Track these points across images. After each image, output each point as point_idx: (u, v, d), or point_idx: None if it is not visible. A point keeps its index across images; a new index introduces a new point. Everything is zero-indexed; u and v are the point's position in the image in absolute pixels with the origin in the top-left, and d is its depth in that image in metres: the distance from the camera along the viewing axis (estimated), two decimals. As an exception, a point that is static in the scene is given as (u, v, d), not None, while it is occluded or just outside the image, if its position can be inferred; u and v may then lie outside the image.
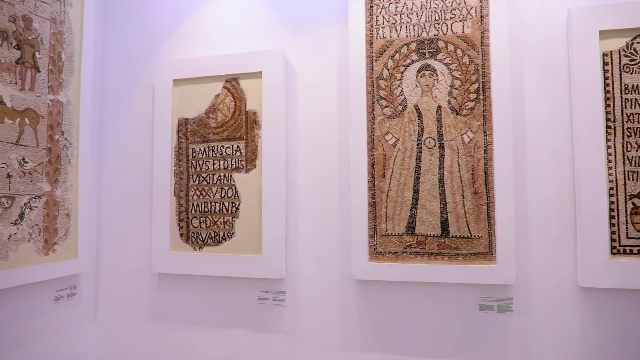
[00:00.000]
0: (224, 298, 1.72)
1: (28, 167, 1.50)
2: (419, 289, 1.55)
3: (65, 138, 1.66)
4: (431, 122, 1.52)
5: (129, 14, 1.94)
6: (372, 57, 1.58)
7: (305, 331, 1.64)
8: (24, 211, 1.49)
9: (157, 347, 1.79)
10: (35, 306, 1.59)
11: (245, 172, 1.68)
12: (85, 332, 1.83)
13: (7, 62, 1.43)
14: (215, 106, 1.73)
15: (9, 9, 1.44)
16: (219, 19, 1.82)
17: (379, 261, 1.53)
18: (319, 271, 1.64)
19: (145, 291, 1.83)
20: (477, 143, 1.48)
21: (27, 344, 1.55)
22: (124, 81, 1.92)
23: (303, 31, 1.73)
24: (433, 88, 1.52)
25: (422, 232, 1.50)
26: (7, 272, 1.41)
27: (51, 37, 1.60)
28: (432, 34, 1.54)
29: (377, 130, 1.55)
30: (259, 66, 1.68)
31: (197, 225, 1.72)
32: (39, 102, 1.55)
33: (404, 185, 1.52)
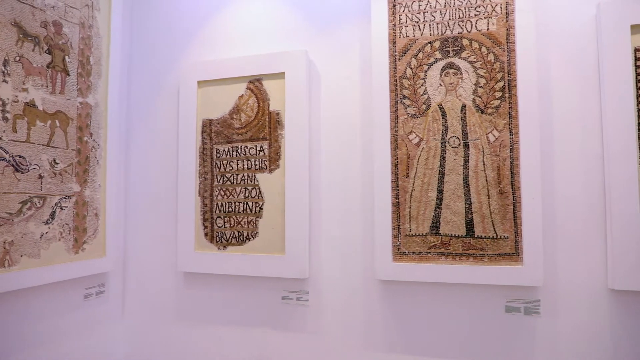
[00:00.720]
0: (248, 297, 1.74)
1: (58, 168, 1.55)
2: (443, 289, 1.53)
3: (93, 140, 1.70)
4: (455, 121, 1.50)
5: (154, 18, 1.98)
6: (395, 56, 1.57)
7: (328, 331, 1.65)
8: (54, 211, 1.53)
9: (183, 345, 1.82)
10: (66, 303, 1.63)
11: (269, 172, 1.69)
12: (113, 330, 1.87)
13: (38, 67, 1.48)
14: (239, 107, 1.74)
15: (41, 15, 1.48)
16: (242, 20, 1.84)
17: (402, 261, 1.52)
18: (342, 271, 1.64)
19: (171, 290, 1.86)
20: (503, 142, 1.45)
21: (58, 340, 1.60)
22: (150, 83, 1.96)
23: (326, 31, 1.73)
24: (457, 86, 1.50)
25: (447, 233, 1.48)
26: (39, 270, 1.46)
27: (80, 42, 1.65)
28: (456, 32, 1.52)
29: (401, 130, 1.54)
30: (282, 67, 1.68)
31: (221, 225, 1.74)
32: (69, 105, 1.59)
33: (428, 185, 1.51)
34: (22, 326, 1.46)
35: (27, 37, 1.44)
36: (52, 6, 1.53)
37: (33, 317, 1.50)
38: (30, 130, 1.44)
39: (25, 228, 1.42)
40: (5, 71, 1.36)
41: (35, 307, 1.51)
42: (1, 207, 1.34)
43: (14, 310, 1.43)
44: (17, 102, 1.40)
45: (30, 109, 1.44)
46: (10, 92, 1.38)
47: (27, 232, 1.43)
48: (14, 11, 1.39)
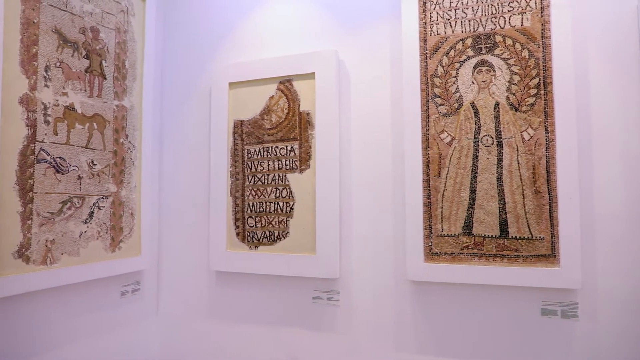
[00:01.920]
0: (278, 296, 1.75)
1: (96, 169, 1.60)
2: (476, 291, 1.50)
3: (129, 141, 1.75)
4: (489, 120, 1.47)
5: (186, 22, 2.01)
6: (426, 55, 1.55)
7: (359, 331, 1.64)
8: (92, 210, 1.58)
9: (215, 343, 1.85)
10: (103, 300, 1.68)
11: (300, 172, 1.70)
12: (148, 326, 1.92)
13: (77, 71, 1.53)
14: (270, 108, 1.76)
15: (79, 22, 1.54)
16: (272, 21, 1.85)
17: (434, 262, 1.50)
18: (373, 271, 1.63)
19: (204, 288, 1.89)
20: (538, 140, 1.42)
21: (96, 336, 1.65)
22: (183, 86, 2.00)
23: (355, 31, 1.72)
24: (490, 84, 1.48)
25: (480, 233, 1.46)
26: (78, 268, 1.51)
27: (116, 46, 1.69)
28: (489, 29, 1.49)
29: (432, 129, 1.52)
30: (312, 67, 1.69)
31: (252, 224, 1.76)
32: (106, 108, 1.64)
33: (460, 184, 1.48)
34: (63, 322, 1.52)
35: (67, 43, 1.49)
36: (89, 13, 1.58)
37: (73, 313, 1.56)
38: (69, 132, 1.49)
39: (65, 227, 1.47)
40: (47, 76, 1.42)
41: (74, 303, 1.56)
42: (43, 207, 1.40)
43: (56, 306, 1.49)
44: (58, 106, 1.45)
45: (69, 112, 1.49)
46: (51, 96, 1.43)
47: (67, 231, 1.48)
48: (54, 19, 1.45)
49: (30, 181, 1.36)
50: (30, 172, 1.36)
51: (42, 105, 1.40)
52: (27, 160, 1.35)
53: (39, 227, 1.38)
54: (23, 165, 1.34)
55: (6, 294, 1.28)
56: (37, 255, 1.37)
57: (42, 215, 1.39)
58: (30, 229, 1.36)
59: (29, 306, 1.40)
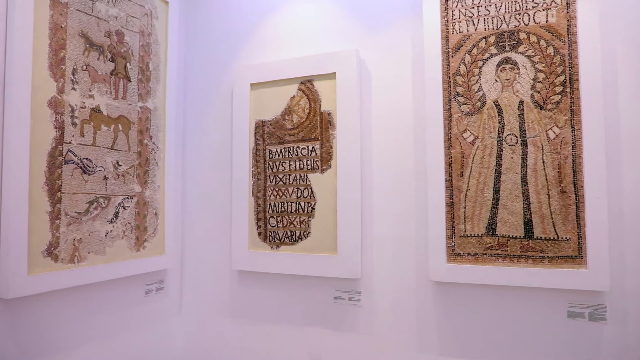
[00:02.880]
0: (300, 296, 1.76)
1: (121, 170, 1.63)
2: (500, 292, 1.48)
3: (153, 142, 1.78)
4: (512, 118, 1.45)
5: (208, 24, 2.04)
6: (448, 53, 1.54)
7: (381, 332, 1.63)
8: (118, 210, 1.61)
9: (237, 341, 1.86)
10: (128, 298, 1.72)
11: (321, 172, 1.70)
12: (172, 324, 1.94)
13: (103, 74, 1.56)
14: (291, 108, 1.77)
15: (105, 25, 1.57)
16: (293, 22, 1.86)
17: (457, 263, 1.48)
18: (395, 272, 1.63)
19: (226, 287, 1.91)
20: (564, 139, 1.39)
21: (121, 333, 1.68)
22: (205, 87, 2.02)
23: (376, 30, 1.72)
24: (514, 82, 1.45)
25: (504, 234, 1.44)
26: (104, 266, 1.54)
27: (140, 49, 1.72)
28: (513, 26, 1.47)
29: (455, 128, 1.51)
30: (333, 67, 1.69)
31: (274, 224, 1.77)
32: (130, 110, 1.67)
33: (483, 184, 1.46)
34: (89, 319, 1.55)
35: (93, 46, 1.52)
36: (114, 16, 1.61)
37: (99, 311, 1.59)
38: (95, 134, 1.53)
39: (92, 226, 1.50)
40: (74, 79, 1.45)
41: (100, 301, 1.60)
42: (71, 207, 1.43)
43: (82, 304, 1.52)
44: (84, 108, 1.49)
45: (95, 114, 1.53)
46: (78, 98, 1.46)
47: (94, 231, 1.51)
48: (81, 23, 1.48)
49: (59, 182, 1.40)
50: (59, 172, 1.40)
51: (70, 107, 1.44)
52: (55, 161, 1.39)
53: (66, 226, 1.42)
54: (51, 166, 1.38)
55: (36, 292, 1.32)
56: (65, 254, 1.41)
57: (69, 214, 1.43)
58: (58, 228, 1.39)
59: (57, 303, 1.44)
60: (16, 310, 1.32)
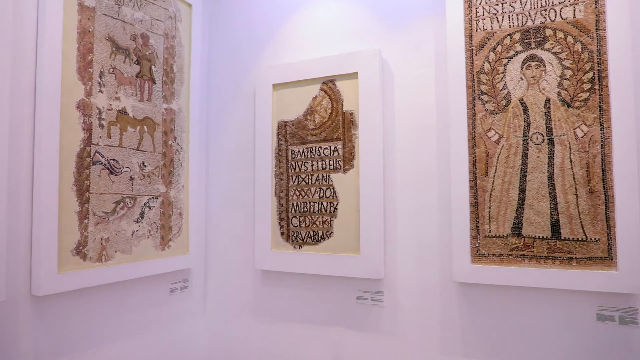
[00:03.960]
0: (323, 296, 1.76)
1: (147, 171, 1.66)
2: (526, 294, 1.45)
3: (177, 143, 1.80)
4: (538, 117, 1.42)
5: (230, 26, 2.06)
6: (471, 51, 1.52)
7: (404, 333, 1.62)
8: (144, 210, 1.64)
9: (260, 340, 1.88)
10: (154, 297, 1.74)
11: (343, 172, 1.70)
12: (196, 323, 1.97)
13: (129, 77, 1.59)
14: (313, 108, 1.77)
15: (130, 29, 1.60)
16: (314, 22, 1.86)
17: (482, 264, 1.46)
18: (419, 272, 1.61)
19: (249, 286, 1.92)
20: (593, 137, 1.35)
21: (147, 331, 1.71)
22: (228, 88, 2.04)
23: (398, 28, 1.71)
24: (540, 80, 1.42)
25: (530, 234, 1.41)
26: (131, 265, 1.57)
27: (164, 52, 1.75)
28: (539, 22, 1.44)
29: (479, 127, 1.49)
30: (355, 67, 1.69)
31: (296, 224, 1.78)
32: (155, 111, 1.70)
33: (508, 184, 1.44)
34: (116, 317, 1.58)
35: (119, 49, 1.55)
36: (140, 20, 1.64)
37: (125, 309, 1.62)
38: (122, 135, 1.56)
39: (118, 226, 1.53)
40: (101, 82, 1.49)
41: (126, 299, 1.63)
42: (99, 207, 1.46)
43: (109, 302, 1.56)
44: (111, 110, 1.52)
45: (122, 116, 1.56)
46: (105, 101, 1.50)
47: (121, 230, 1.54)
48: (107, 27, 1.51)
49: (87, 182, 1.43)
50: (87, 173, 1.43)
51: (97, 109, 1.47)
52: (83, 162, 1.42)
53: (94, 225, 1.45)
54: (80, 167, 1.41)
55: (65, 289, 1.36)
56: (93, 253, 1.44)
57: (97, 214, 1.46)
58: (86, 228, 1.43)
59: (86, 301, 1.47)
60: (47, 307, 1.36)
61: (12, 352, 1.27)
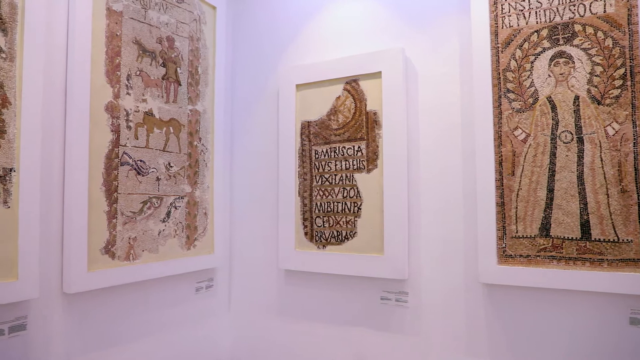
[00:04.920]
0: (346, 296, 1.75)
1: (173, 171, 1.68)
2: (555, 296, 1.42)
3: (202, 144, 1.83)
4: (567, 114, 1.38)
5: (254, 27, 2.07)
6: (497, 49, 1.49)
7: (428, 334, 1.61)
8: (170, 210, 1.67)
9: (284, 339, 1.89)
10: (179, 295, 1.77)
11: (367, 172, 1.69)
12: (220, 322, 1.99)
13: (155, 79, 1.62)
14: (336, 108, 1.77)
15: (157, 32, 1.63)
16: (337, 22, 1.86)
17: (508, 264, 1.43)
18: (444, 273, 1.59)
19: (273, 286, 1.93)
20: (625, 135, 1.31)
21: (172, 329, 1.74)
22: (251, 89, 2.06)
23: (422, 27, 1.69)
24: (569, 77, 1.39)
25: (559, 235, 1.38)
26: (157, 264, 1.60)
27: (189, 54, 1.78)
28: (567, 17, 1.40)
29: (505, 126, 1.46)
30: (379, 66, 1.68)
31: (320, 224, 1.78)
32: (181, 113, 1.73)
33: (536, 183, 1.41)
34: (143, 314, 1.61)
35: (146, 52, 1.58)
36: (165, 23, 1.67)
37: (151, 307, 1.65)
38: (148, 137, 1.59)
39: (145, 225, 1.56)
40: (129, 84, 1.52)
41: (153, 297, 1.66)
42: (126, 207, 1.50)
43: (136, 300, 1.59)
44: (138, 112, 1.55)
45: (148, 117, 1.59)
46: (132, 103, 1.53)
47: (148, 230, 1.57)
48: (134, 30, 1.54)
49: (115, 182, 1.46)
50: (115, 174, 1.47)
51: (125, 111, 1.50)
52: (112, 163, 1.46)
53: (122, 225, 1.48)
54: (108, 168, 1.45)
55: (95, 287, 1.39)
56: (121, 252, 1.47)
57: (125, 214, 1.49)
58: (115, 227, 1.46)
59: (114, 299, 1.51)
60: (78, 304, 1.40)
61: (45, 346, 1.31)
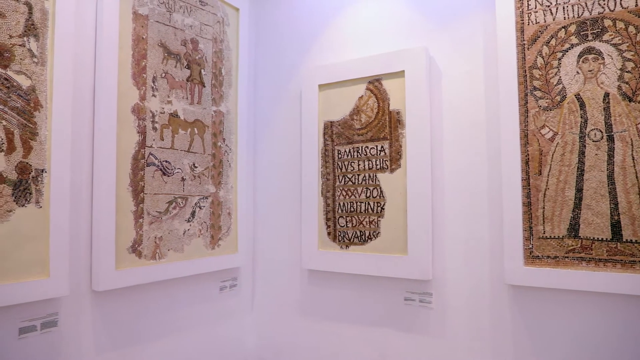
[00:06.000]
0: (370, 297, 1.75)
1: (197, 171, 1.71)
2: (584, 298, 1.38)
3: (226, 144, 1.85)
4: (597, 112, 1.35)
5: (276, 29, 2.08)
6: (523, 46, 1.46)
7: (453, 336, 1.59)
8: (194, 210, 1.69)
9: (307, 339, 1.89)
10: (204, 294, 1.79)
11: (390, 172, 1.68)
12: (244, 321, 2.01)
13: (180, 81, 1.65)
14: (359, 108, 1.76)
15: (181, 35, 1.65)
16: (359, 21, 1.85)
17: (535, 266, 1.41)
18: (468, 274, 1.57)
19: (296, 286, 1.94)
20: (658, 133, 1.27)
21: (196, 327, 1.76)
22: (274, 90, 2.07)
23: (445, 25, 1.67)
24: (598, 73, 1.35)
25: (588, 236, 1.34)
26: (182, 263, 1.63)
27: (213, 55, 1.80)
28: (596, 12, 1.37)
29: (532, 124, 1.43)
30: (401, 65, 1.66)
31: (343, 224, 1.78)
32: (205, 114, 1.75)
33: (564, 183, 1.38)
34: (168, 312, 1.64)
35: (171, 55, 1.61)
36: (189, 26, 1.69)
37: (176, 305, 1.68)
38: (174, 138, 1.61)
39: (171, 225, 1.59)
40: (154, 86, 1.54)
41: (178, 296, 1.68)
42: (152, 207, 1.52)
43: (162, 298, 1.62)
44: (164, 114, 1.58)
45: (174, 119, 1.61)
46: (158, 105, 1.56)
47: (173, 229, 1.60)
48: (160, 33, 1.57)
49: (141, 183, 1.49)
50: (141, 174, 1.49)
51: (151, 113, 1.53)
52: (138, 164, 1.48)
53: (149, 225, 1.51)
54: (135, 169, 1.47)
55: (122, 285, 1.42)
56: (147, 251, 1.50)
57: (151, 214, 1.52)
58: (141, 227, 1.49)
59: (141, 297, 1.54)
60: (106, 301, 1.43)
61: (75, 342, 1.35)
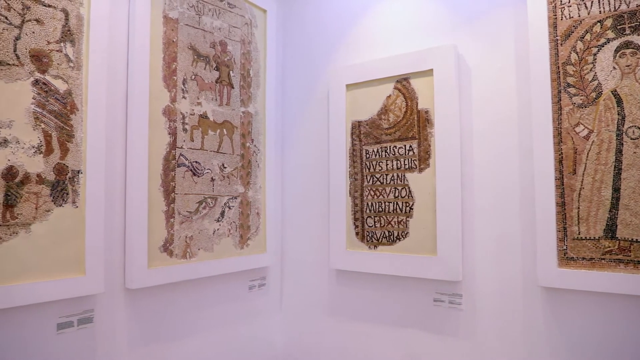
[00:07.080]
0: (398, 297, 1.73)
1: (226, 172, 1.73)
2: (621, 302, 1.34)
3: (254, 145, 1.87)
4: (635, 109, 1.30)
5: (303, 29, 2.09)
6: (556, 41, 1.42)
7: (483, 338, 1.56)
8: (224, 210, 1.71)
9: (334, 339, 1.89)
10: (233, 293, 1.82)
11: (419, 171, 1.66)
12: (272, 321, 2.02)
13: (209, 82, 1.67)
14: (387, 107, 1.75)
15: (210, 37, 1.68)
16: (386, 20, 1.84)
17: (570, 268, 1.37)
18: (499, 275, 1.54)
19: (324, 285, 1.94)
20: (701, 130, 1.22)
21: (226, 326, 1.78)
22: (302, 90, 2.08)
23: (474, 22, 1.64)
24: (636, 68, 1.31)
25: (626, 237, 1.30)
26: (212, 262, 1.65)
27: (241, 57, 1.82)
28: (634, 5, 1.32)
29: (565, 122, 1.39)
30: (430, 64, 1.64)
31: (371, 224, 1.77)
32: (234, 115, 1.77)
33: (600, 182, 1.33)
34: (199, 311, 1.67)
35: (200, 57, 1.64)
36: (218, 28, 1.72)
37: (206, 304, 1.70)
38: (203, 138, 1.64)
39: (201, 225, 1.62)
40: (184, 88, 1.57)
41: (208, 295, 1.71)
42: (183, 207, 1.55)
43: (192, 296, 1.64)
44: (193, 115, 1.60)
45: (203, 120, 1.64)
46: (188, 106, 1.58)
47: (203, 229, 1.62)
48: (189, 36, 1.60)
49: (172, 183, 1.52)
50: (172, 175, 1.52)
51: (181, 115, 1.56)
52: (169, 164, 1.51)
53: (179, 224, 1.54)
54: (166, 169, 1.51)
55: (154, 283, 1.45)
56: (178, 250, 1.53)
57: (182, 214, 1.55)
58: (173, 226, 1.52)
59: (172, 295, 1.57)
60: (138, 299, 1.46)
61: (110, 338, 1.39)
